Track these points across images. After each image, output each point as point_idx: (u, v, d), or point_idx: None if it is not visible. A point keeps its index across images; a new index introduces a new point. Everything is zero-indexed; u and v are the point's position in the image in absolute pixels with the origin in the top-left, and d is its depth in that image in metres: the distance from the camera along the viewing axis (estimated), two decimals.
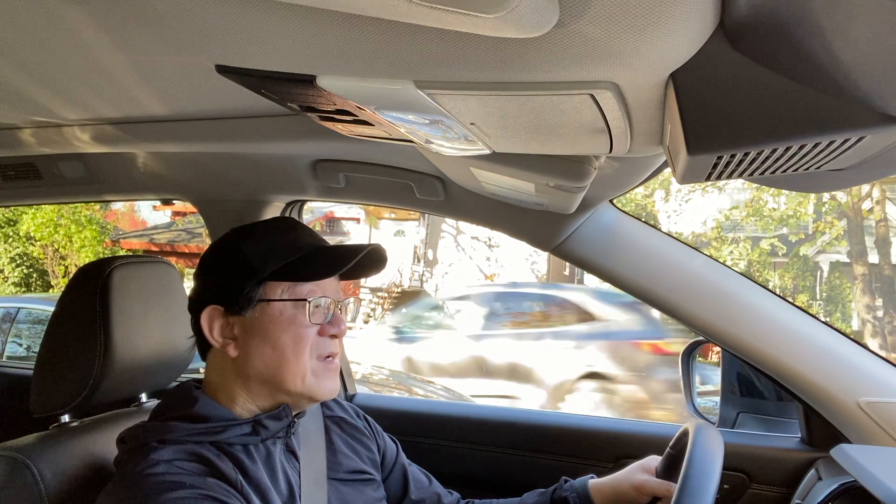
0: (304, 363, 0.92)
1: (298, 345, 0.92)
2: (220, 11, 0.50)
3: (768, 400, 1.54)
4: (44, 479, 0.94)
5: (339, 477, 1.04)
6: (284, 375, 0.92)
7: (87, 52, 0.83)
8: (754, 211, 12.69)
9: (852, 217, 12.34)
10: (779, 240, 13.23)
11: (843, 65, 0.48)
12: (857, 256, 12.39)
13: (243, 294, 0.92)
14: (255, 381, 0.93)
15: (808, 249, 14.25)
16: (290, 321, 0.92)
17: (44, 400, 1.07)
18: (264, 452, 0.93)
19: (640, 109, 0.63)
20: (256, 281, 0.93)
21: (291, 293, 0.93)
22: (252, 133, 1.14)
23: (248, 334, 0.93)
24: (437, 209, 1.50)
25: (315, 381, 0.94)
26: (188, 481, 0.82)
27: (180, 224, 14.79)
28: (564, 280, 18.06)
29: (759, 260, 12.93)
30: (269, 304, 0.93)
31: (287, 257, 0.95)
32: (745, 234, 13.48)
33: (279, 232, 1.00)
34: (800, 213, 12.71)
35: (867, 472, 0.92)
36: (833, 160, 0.64)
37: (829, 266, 14.25)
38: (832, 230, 13.24)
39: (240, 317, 0.93)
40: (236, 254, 0.96)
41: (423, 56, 0.52)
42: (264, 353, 0.92)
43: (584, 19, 0.44)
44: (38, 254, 12.15)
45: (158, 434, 0.88)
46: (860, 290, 12.45)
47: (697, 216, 14.00)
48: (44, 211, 11.45)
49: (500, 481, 1.57)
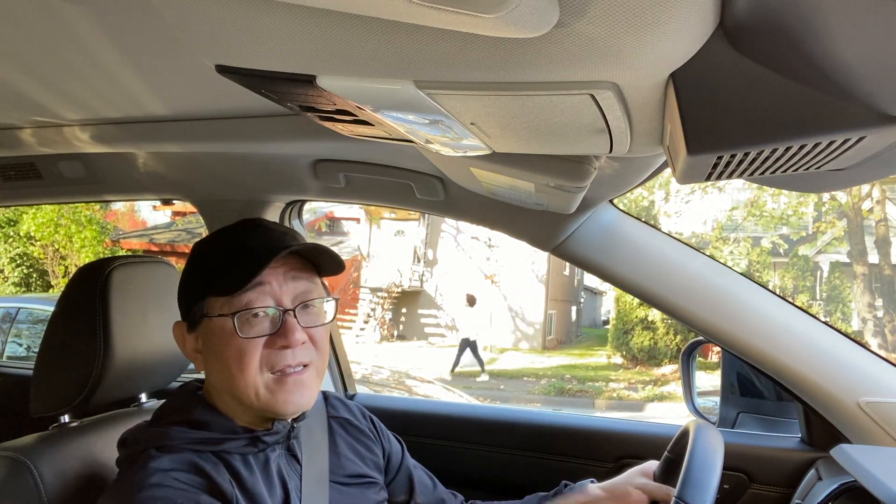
0: (252, 378, 0.87)
1: (241, 360, 0.87)
2: (220, 11, 0.50)
3: (768, 400, 1.54)
4: (44, 480, 0.94)
5: (341, 480, 1.03)
6: (237, 391, 0.88)
7: (87, 52, 0.83)
8: (755, 210, 12.72)
9: (852, 217, 12.37)
10: (781, 238, 13.26)
11: (843, 65, 0.48)
12: (858, 256, 12.42)
13: (192, 311, 0.92)
14: (224, 394, 0.92)
15: (808, 250, 14.28)
16: (230, 336, 0.87)
17: (44, 400, 1.07)
18: (262, 459, 0.93)
19: (640, 109, 0.63)
20: (198, 297, 0.91)
21: (228, 307, 0.88)
22: (252, 133, 1.15)
23: (206, 350, 0.92)
24: (437, 209, 1.50)
25: (270, 395, 0.88)
26: (180, 499, 0.81)
27: (180, 224, 14.82)
28: (565, 281, 18.08)
29: (759, 260, 12.95)
30: (210, 320, 0.90)
31: (218, 269, 0.90)
32: (744, 234, 13.51)
33: (223, 240, 0.95)
34: (800, 212, 12.73)
35: (867, 472, 0.92)
36: (833, 160, 0.64)
37: (829, 266, 14.28)
38: (832, 230, 13.27)
39: (196, 332, 0.93)
40: (187, 268, 0.96)
41: (423, 56, 0.52)
42: (217, 368, 0.91)
43: (584, 19, 0.44)
44: (39, 254, 12.15)
45: (158, 440, 0.88)
46: (860, 289, 12.48)
47: (698, 217, 14.03)
48: (44, 211, 11.44)
49: (500, 481, 1.57)
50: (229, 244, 0.94)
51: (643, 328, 12.64)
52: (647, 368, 12.49)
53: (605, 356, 13.89)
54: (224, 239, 0.96)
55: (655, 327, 12.52)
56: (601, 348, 15.05)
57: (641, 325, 12.64)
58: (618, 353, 13.21)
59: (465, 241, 16.31)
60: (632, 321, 12.72)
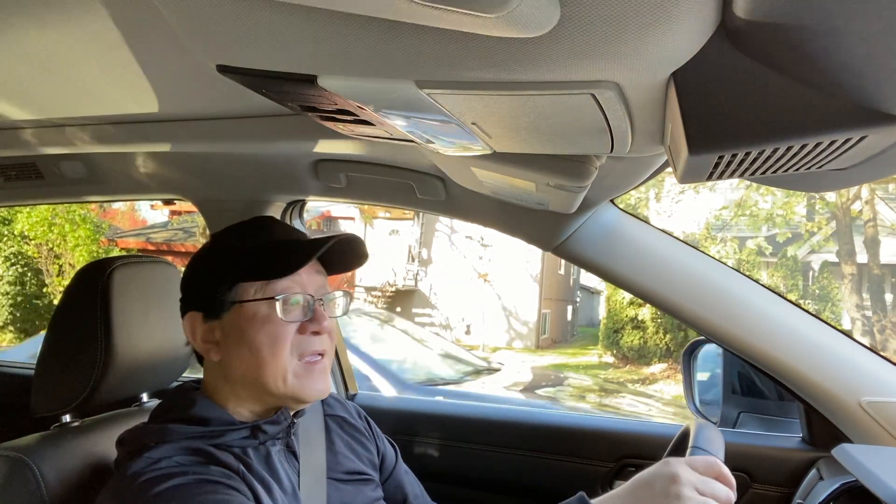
0: (283, 363, 0.90)
1: (275, 344, 0.90)
2: (221, 11, 0.50)
3: (769, 400, 1.53)
4: (45, 480, 0.94)
5: (338, 477, 1.04)
6: (265, 377, 0.90)
7: (88, 53, 0.83)
8: (742, 211, 12.76)
9: (841, 217, 12.41)
10: (766, 240, 13.30)
11: (843, 65, 0.48)
12: (846, 256, 12.47)
13: (217, 298, 0.93)
14: (240, 384, 0.93)
15: (798, 249, 14.33)
16: (265, 320, 0.91)
17: (45, 400, 1.07)
18: (264, 453, 0.93)
19: (641, 109, 0.63)
20: (228, 283, 0.93)
21: (264, 292, 0.92)
22: (253, 133, 1.15)
23: (228, 338, 0.93)
24: (438, 209, 1.50)
25: (297, 381, 0.91)
26: (189, 469, 0.82)
27: (175, 223, 14.84)
28: (560, 280, 18.06)
29: (748, 259, 12.98)
30: (242, 305, 0.92)
31: (256, 256, 0.94)
32: (731, 234, 13.57)
33: (250, 232, 0.99)
34: (791, 212, 12.75)
35: (868, 471, 0.92)
36: (834, 160, 0.63)
37: (819, 266, 14.35)
38: (821, 231, 13.32)
39: (218, 320, 0.93)
40: (208, 259, 0.97)
41: (424, 56, 0.52)
42: (243, 355, 0.91)
43: (584, 19, 0.44)
44: (33, 253, 12.15)
45: (157, 436, 0.88)
46: (848, 289, 12.53)
47: (689, 216, 14.07)
48: (38, 210, 11.44)
49: (501, 481, 1.57)
50: (263, 234, 0.98)
51: (633, 327, 12.63)
52: (636, 367, 12.48)
53: (597, 355, 13.90)
54: (252, 230, 1.00)
55: (645, 326, 12.52)
56: (595, 347, 15.04)
57: (631, 324, 12.64)
58: (608, 352, 13.21)
59: (459, 240, 16.31)
60: (622, 320, 12.73)
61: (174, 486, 0.79)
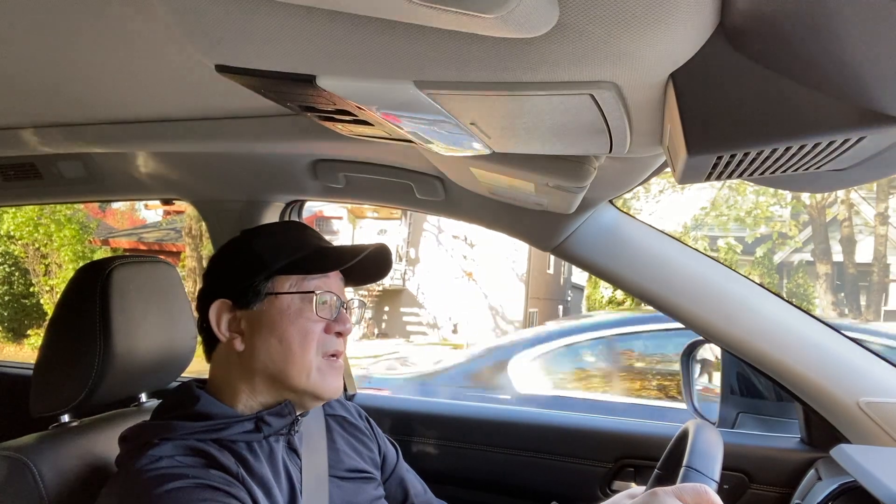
0: (310, 358, 0.93)
1: (305, 339, 0.93)
2: (220, 11, 0.50)
3: (768, 400, 1.54)
4: (44, 479, 0.94)
5: (341, 475, 1.04)
6: (290, 370, 0.93)
7: (87, 53, 0.83)
8: (714, 209, 12.83)
9: (815, 216, 12.49)
10: (736, 240, 13.38)
11: (843, 65, 0.48)
12: (821, 256, 12.56)
13: (252, 287, 0.94)
14: (259, 376, 0.94)
15: (781, 251, 14.43)
16: (298, 314, 0.94)
17: (44, 400, 1.07)
18: (267, 449, 0.93)
19: (640, 109, 0.63)
20: (265, 274, 0.95)
21: (299, 286, 0.95)
22: (252, 133, 1.15)
23: (256, 328, 0.94)
24: (437, 209, 1.50)
25: (320, 378, 0.94)
26: (189, 473, 0.82)
27: (164, 224, 14.86)
28: (548, 279, 18.03)
29: (726, 258, 13.03)
30: (277, 297, 0.94)
31: (295, 253, 0.97)
32: (702, 233, 13.65)
33: (287, 230, 1.04)
34: (766, 212, 12.78)
35: (867, 472, 0.92)
36: (833, 160, 0.63)
37: (795, 264, 14.46)
38: (799, 234, 13.41)
39: (248, 310, 0.95)
40: (246, 249, 0.99)
41: (423, 56, 0.52)
42: (271, 346, 0.93)
43: (584, 19, 0.44)
44: (20, 253, 12.13)
45: (160, 432, 0.88)
46: (823, 288, 12.62)
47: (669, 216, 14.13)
48: (23, 210, 11.41)
49: (500, 481, 1.57)
50: (300, 233, 1.03)
51: None
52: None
53: None
54: (291, 229, 1.05)
55: None
56: None
57: None
58: None
59: (446, 239, 16.29)
60: None
61: (174, 488, 0.79)
